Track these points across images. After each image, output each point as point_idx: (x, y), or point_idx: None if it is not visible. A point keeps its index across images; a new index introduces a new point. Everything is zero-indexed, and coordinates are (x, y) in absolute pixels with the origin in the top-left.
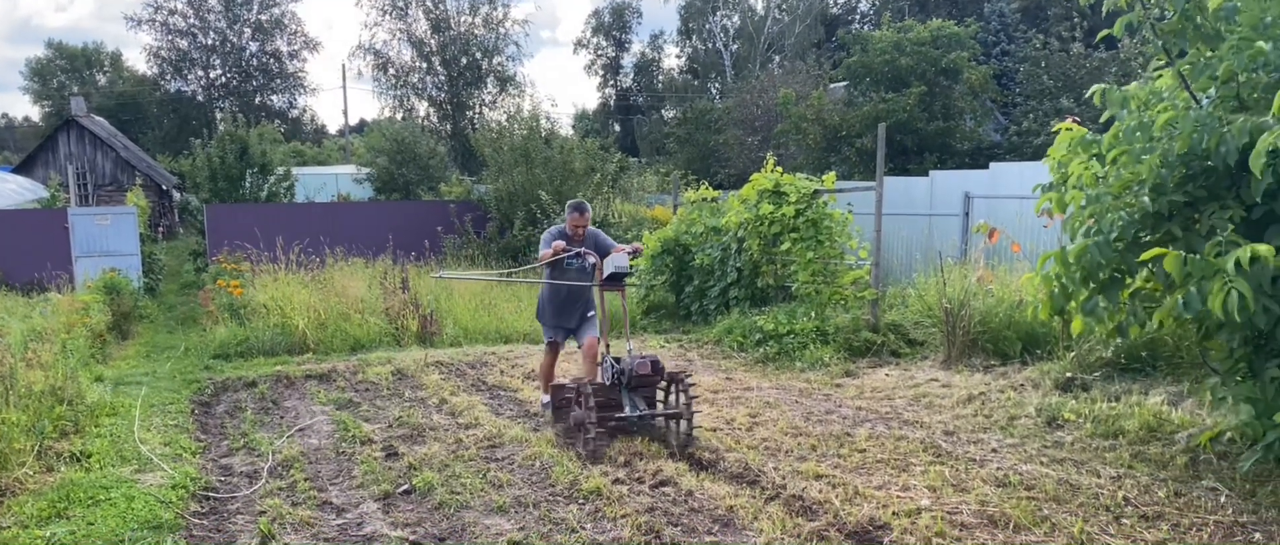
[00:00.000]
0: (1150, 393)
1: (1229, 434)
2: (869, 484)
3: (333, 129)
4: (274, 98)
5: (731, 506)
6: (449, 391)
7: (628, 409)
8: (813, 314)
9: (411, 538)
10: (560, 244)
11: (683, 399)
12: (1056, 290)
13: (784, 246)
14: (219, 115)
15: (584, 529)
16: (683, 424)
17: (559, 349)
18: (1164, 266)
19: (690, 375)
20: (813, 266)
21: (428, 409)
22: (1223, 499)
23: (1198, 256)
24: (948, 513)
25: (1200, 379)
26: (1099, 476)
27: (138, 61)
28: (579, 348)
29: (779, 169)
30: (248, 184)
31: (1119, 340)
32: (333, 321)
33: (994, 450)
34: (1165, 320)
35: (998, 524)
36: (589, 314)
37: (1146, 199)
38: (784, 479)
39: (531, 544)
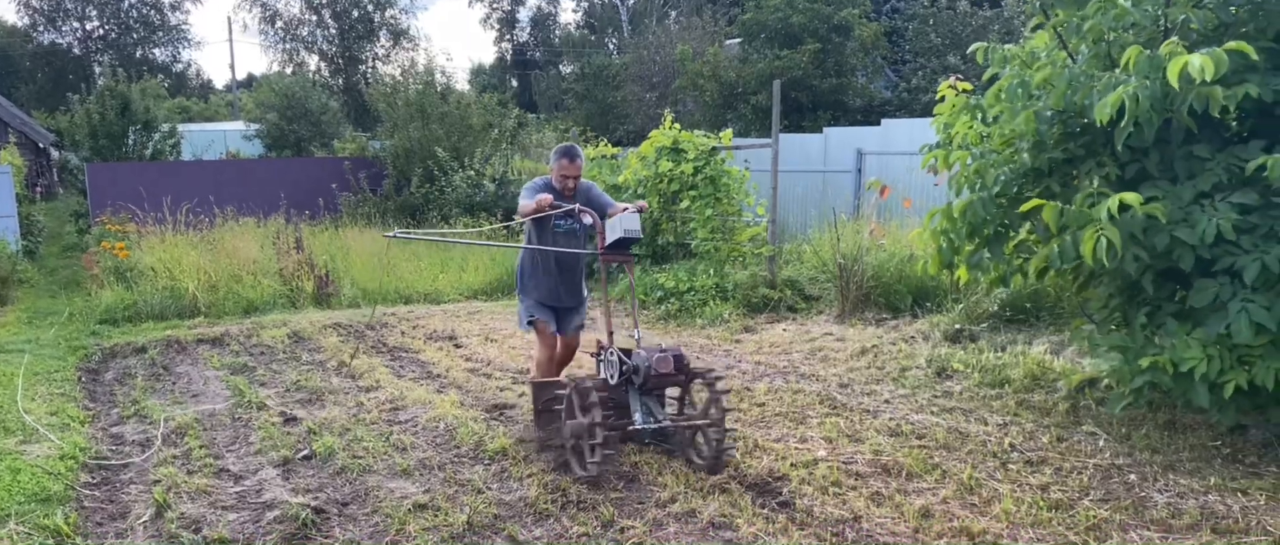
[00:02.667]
0: (1034, 343)
1: (1105, 380)
2: (768, 437)
3: (220, 84)
4: (156, 51)
5: (635, 462)
6: (348, 354)
7: (638, 417)
8: (712, 271)
9: (313, 504)
10: (546, 197)
11: (713, 405)
12: (944, 245)
13: (683, 204)
14: (98, 69)
15: (491, 489)
16: (710, 436)
17: (556, 339)
18: (1042, 218)
19: (720, 374)
20: (711, 223)
21: (326, 372)
22: (1101, 443)
23: (1073, 207)
24: (843, 462)
25: (1079, 329)
26: (986, 424)
27: (6, 11)
28: (560, 336)
29: (677, 126)
30: (131, 141)
31: (1003, 292)
32: (224, 283)
33: (887, 401)
34: (1042, 268)
35: (891, 472)
36: (584, 295)
37: (1026, 156)
38: (685, 432)
39: (437, 507)
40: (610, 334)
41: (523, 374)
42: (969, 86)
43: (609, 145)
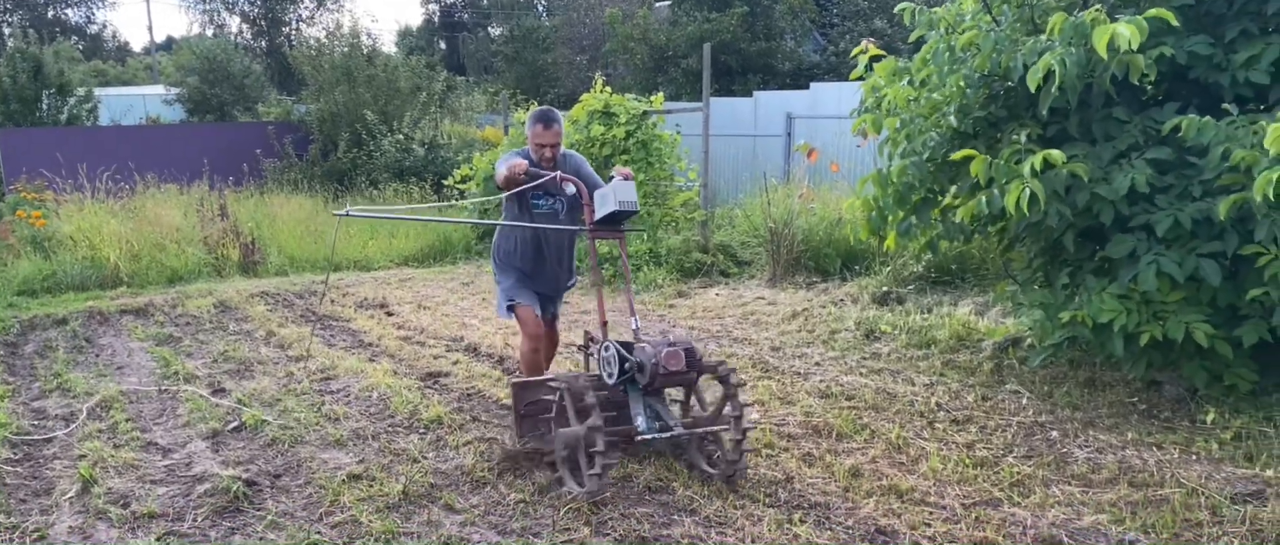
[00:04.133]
0: (959, 304)
1: (1028, 339)
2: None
3: (137, 47)
4: (69, 11)
5: None
6: (277, 323)
7: (641, 422)
8: (645, 236)
9: (244, 476)
10: (519, 162)
11: (728, 404)
12: (874, 213)
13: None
14: (7, 31)
15: (426, 458)
16: (728, 441)
17: (541, 324)
18: (970, 170)
19: (732, 367)
20: (644, 188)
21: (255, 342)
22: (1024, 401)
23: (1000, 161)
24: (775, 425)
25: (1003, 290)
26: (913, 384)
27: None
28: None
29: (608, 90)
30: (45, 106)
31: (930, 256)
32: (147, 252)
33: (817, 363)
34: (970, 221)
35: (822, 433)
36: (569, 284)
37: (953, 119)
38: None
39: (372, 476)
40: (604, 324)
41: (458, 342)
42: (880, 51)
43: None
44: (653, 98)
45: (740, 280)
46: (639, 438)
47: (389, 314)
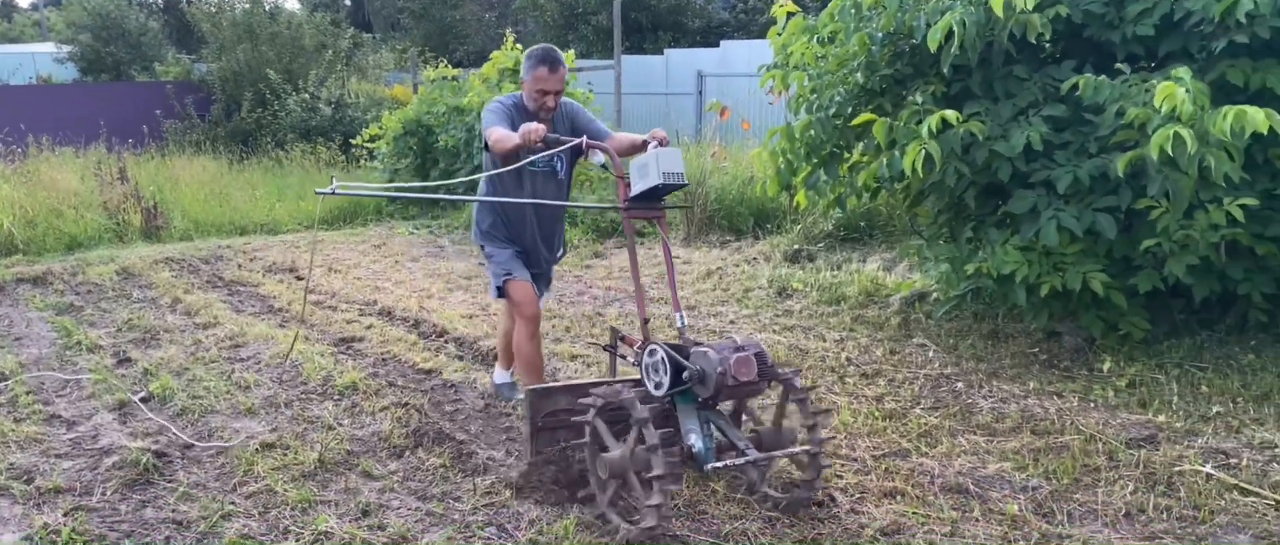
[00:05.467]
0: (867, 261)
1: (934, 293)
2: (621, 363)
3: (24, 2)
4: None
5: (491, 392)
6: (182, 289)
7: (696, 441)
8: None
9: (154, 447)
10: (537, 128)
11: (801, 422)
12: (783, 166)
13: None
14: None
15: (341, 425)
16: (802, 464)
17: (538, 304)
18: (873, 133)
19: (799, 373)
20: None
21: (160, 310)
22: (931, 354)
23: (899, 123)
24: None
25: (910, 245)
26: (825, 340)
27: None
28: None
29: (519, 47)
30: None
31: (839, 212)
32: (43, 218)
33: (732, 321)
34: (873, 184)
35: None
36: (559, 253)
37: (859, 76)
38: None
39: (286, 445)
40: (645, 321)
41: (370, 306)
42: (795, 7)
43: (449, 67)
44: (564, 55)
45: (656, 240)
46: (707, 468)
47: (299, 278)
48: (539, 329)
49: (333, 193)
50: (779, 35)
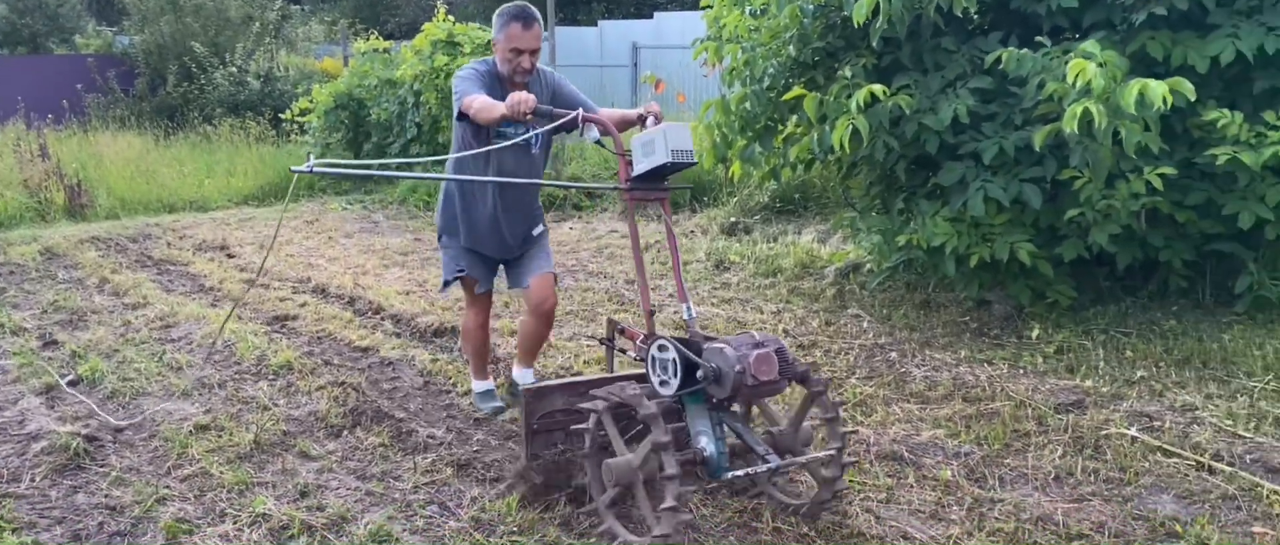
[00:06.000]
0: (803, 232)
1: (867, 265)
2: (561, 336)
3: None
4: None
5: (430, 369)
6: (110, 269)
7: (707, 445)
8: None
9: (84, 431)
10: (527, 99)
11: (826, 430)
12: (718, 139)
13: None
14: None
15: (277, 405)
16: (825, 477)
17: (490, 301)
18: (805, 108)
19: (819, 371)
20: None
21: (87, 291)
22: (865, 324)
23: (830, 98)
24: (620, 350)
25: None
26: (762, 312)
27: None
28: (518, 290)
29: (451, 19)
30: None
31: (774, 185)
32: None
33: (671, 295)
34: (807, 157)
35: None
36: (536, 231)
37: (792, 49)
38: None
39: (221, 426)
40: (650, 313)
41: (304, 283)
42: None
43: (380, 38)
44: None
45: (593, 213)
46: (727, 476)
47: (230, 256)
48: (487, 318)
49: (309, 170)
50: (712, 7)
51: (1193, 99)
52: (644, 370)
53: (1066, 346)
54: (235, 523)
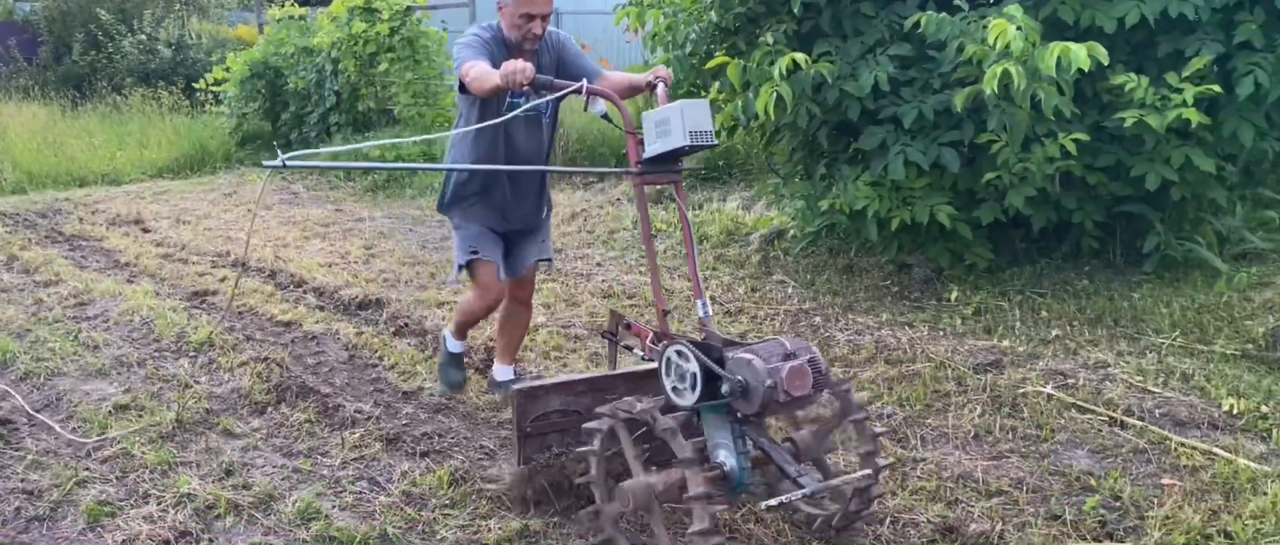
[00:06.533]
0: (728, 199)
1: (791, 231)
2: (544, 328)
3: None
4: None
5: (355, 343)
6: (19, 246)
7: (730, 460)
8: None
9: None
10: (524, 67)
11: (860, 444)
12: (641, 105)
13: (382, 67)
14: None
15: (199, 383)
16: (854, 507)
17: (503, 292)
18: (728, 75)
19: (851, 383)
20: (413, 88)
21: None
22: (790, 290)
23: (752, 64)
24: (562, 326)
25: (767, 184)
26: (688, 280)
27: None
28: (514, 276)
29: None
30: None
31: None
32: None
33: (598, 264)
34: (730, 124)
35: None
36: (544, 214)
37: (713, 14)
38: (406, 309)
39: (141, 406)
40: (664, 313)
41: (223, 257)
42: None
43: (296, 5)
44: None
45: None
46: (764, 506)
47: (145, 230)
48: (496, 305)
49: (282, 166)
50: None
51: (1106, 62)
52: (644, 368)
53: (984, 308)
54: (159, 503)
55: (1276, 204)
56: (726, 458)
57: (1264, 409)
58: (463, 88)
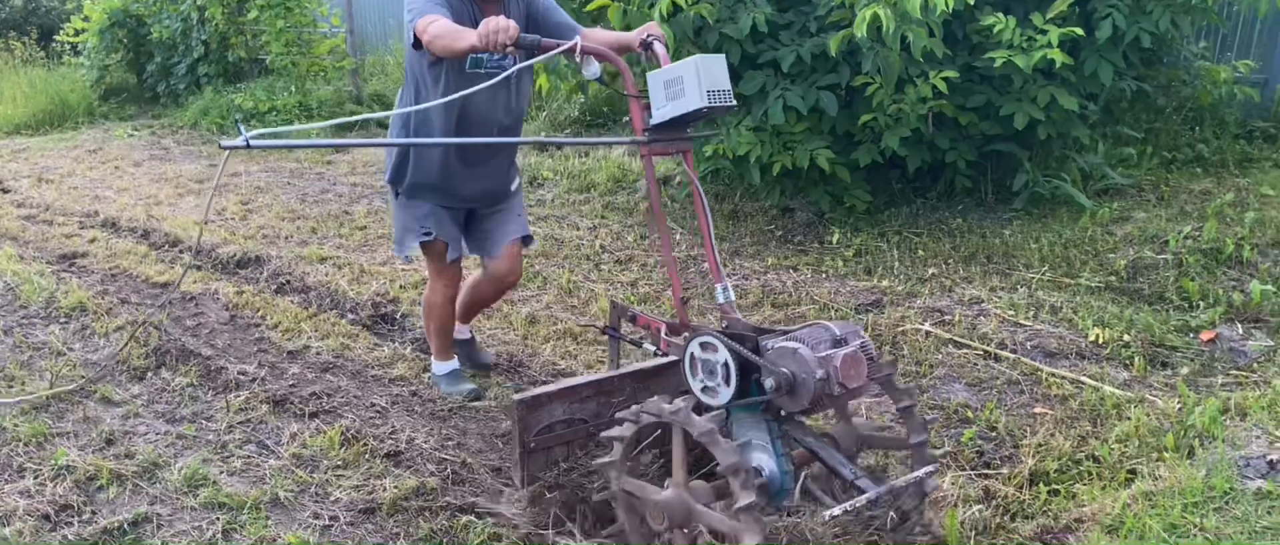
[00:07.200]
0: (614, 147)
1: (677, 177)
2: (374, 261)
3: None
4: None
5: (236, 303)
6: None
7: (769, 463)
8: (293, 88)
9: None
10: (509, 25)
11: (910, 434)
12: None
13: (252, 15)
14: None
15: (72, 350)
16: (907, 504)
17: (461, 270)
18: (609, 17)
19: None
20: (285, 36)
21: None
22: (678, 237)
23: (632, 7)
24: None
25: None
26: (578, 229)
27: None
28: (487, 262)
29: None
30: None
31: (582, 98)
32: None
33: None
34: (610, 69)
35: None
36: (513, 186)
37: None
38: (288, 266)
39: (11, 376)
40: (682, 302)
41: (92, 218)
42: None
43: None
44: None
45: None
46: (828, 516)
47: (4, 191)
48: (457, 291)
49: (245, 146)
50: None
51: (972, 3)
52: (653, 365)
53: (864, 249)
54: (36, 477)
55: (1135, 141)
56: (765, 462)
57: (1126, 338)
58: (417, 45)
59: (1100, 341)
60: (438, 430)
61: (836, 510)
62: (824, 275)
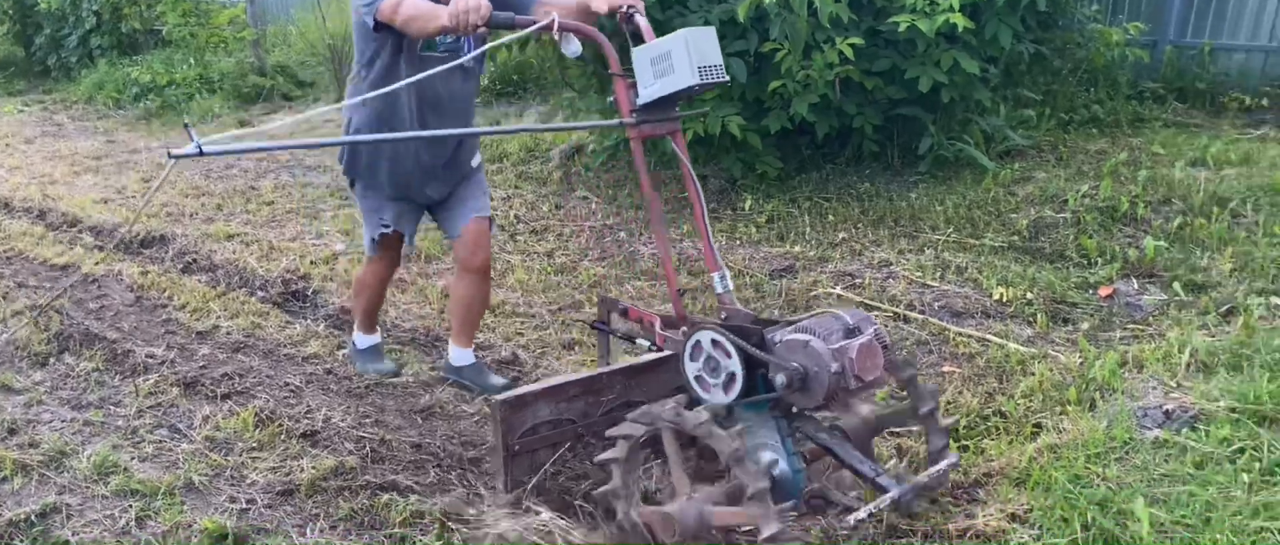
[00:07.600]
0: (525, 115)
1: (591, 145)
2: (283, 237)
3: None
4: None
5: (141, 283)
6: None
7: (781, 462)
8: (192, 60)
9: None
10: (482, 6)
11: (929, 433)
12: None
13: None
14: None
15: None
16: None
17: (400, 255)
18: None
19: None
20: (182, 6)
21: None
22: (593, 207)
23: None
24: (361, 254)
25: (563, 99)
26: (492, 199)
27: None
28: (451, 240)
29: None
30: None
31: (491, 67)
32: None
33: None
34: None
35: (412, 258)
36: (474, 163)
37: None
38: (194, 244)
39: None
40: (678, 295)
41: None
42: None
43: None
44: None
45: (306, 103)
46: (854, 520)
47: None
48: (392, 274)
49: (198, 152)
50: None
51: None
52: (645, 360)
53: (776, 215)
54: None
55: (1033, 103)
56: (775, 461)
57: (1028, 296)
58: (377, 26)
59: (1004, 300)
60: (354, 408)
61: (862, 513)
62: (738, 242)
